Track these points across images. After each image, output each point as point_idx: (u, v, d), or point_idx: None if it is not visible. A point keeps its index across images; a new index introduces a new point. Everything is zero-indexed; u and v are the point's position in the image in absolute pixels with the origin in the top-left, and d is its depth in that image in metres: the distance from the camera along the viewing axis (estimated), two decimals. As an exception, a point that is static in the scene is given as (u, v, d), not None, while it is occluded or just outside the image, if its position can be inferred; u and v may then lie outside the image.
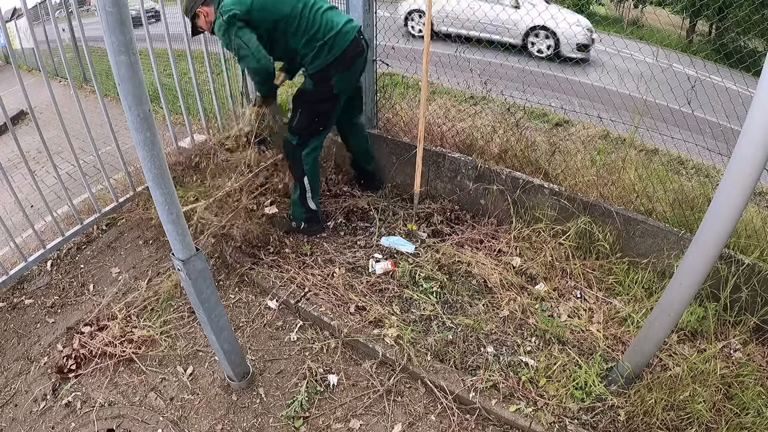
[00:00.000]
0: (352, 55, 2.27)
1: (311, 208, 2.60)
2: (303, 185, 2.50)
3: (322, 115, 2.34)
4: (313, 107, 2.32)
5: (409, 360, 1.99)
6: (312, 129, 2.36)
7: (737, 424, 1.71)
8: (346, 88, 2.36)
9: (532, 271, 2.41)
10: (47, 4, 7.59)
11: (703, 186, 2.55)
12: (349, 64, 2.27)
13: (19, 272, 2.57)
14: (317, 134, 2.39)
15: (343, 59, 2.23)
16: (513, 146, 2.81)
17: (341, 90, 2.33)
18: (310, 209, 2.60)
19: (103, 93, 2.72)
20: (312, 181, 2.51)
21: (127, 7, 1.06)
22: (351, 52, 2.25)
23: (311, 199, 2.56)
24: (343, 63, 2.24)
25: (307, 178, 2.48)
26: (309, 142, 2.39)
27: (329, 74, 2.24)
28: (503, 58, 2.99)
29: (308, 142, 2.39)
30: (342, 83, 2.31)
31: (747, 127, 1.23)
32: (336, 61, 2.22)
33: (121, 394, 2.02)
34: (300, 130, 2.36)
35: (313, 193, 2.54)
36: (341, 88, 2.31)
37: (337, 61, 2.23)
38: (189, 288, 1.56)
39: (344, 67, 2.26)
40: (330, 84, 2.26)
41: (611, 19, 12.04)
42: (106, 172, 2.80)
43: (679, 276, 1.53)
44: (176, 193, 1.37)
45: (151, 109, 1.22)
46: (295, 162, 2.47)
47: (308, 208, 2.60)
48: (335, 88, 2.29)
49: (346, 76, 2.31)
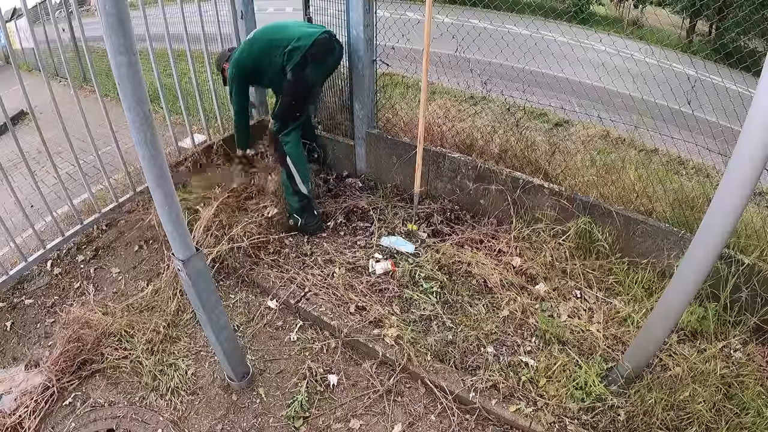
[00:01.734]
0: (323, 51, 2.58)
1: (303, 193, 2.73)
2: (288, 168, 2.68)
3: (297, 101, 2.65)
4: (292, 95, 2.63)
5: (409, 360, 1.99)
6: (290, 114, 2.66)
7: (737, 424, 1.71)
8: (318, 80, 2.72)
9: (532, 271, 2.41)
10: (47, 4, 7.58)
11: (703, 186, 2.55)
12: (321, 58, 2.59)
13: (19, 272, 2.57)
14: (294, 119, 2.67)
15: (314, 53, 2.54)
16: (513, 146, 2.81)
17: (314, 81, 2.67)
18: (302, 194, 2.73)
19: (103, 93, 2.72)
20: (296, 164, 2.69)
21: (127, 7, 1.06)
22: (320, 47, 2.56)
23: (301, 184, 2.71)
24: (315, 56, 2.55)
25: (290, 159, 2.67)
26: (287, 126, 2.66)
27: (305, 65, 2.55)
28: (503, 58, 2.98)
29: (287, 127, 2.66)
30: (315, 75, 2.63)
31: (747, 127, 1.23)
32: (307, 54, 2.53)
33: (121, 394, 2.02)
34: (280, 115, 2.67)
35: (301, 177, 2.70)
36: (314, 79, 2.65)
37: (309, 55, 2.53)
38: (189, 288, 1.56)
39: (316, 60, 2.57)
40: (305, 74, 2.57)
41: (611, 19, 12.04)
42: (106, 172, 2.80)
43: (679, 276, 1.53)
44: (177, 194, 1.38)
45: (151, 109, 1.22)
46: (277, 146, 2.72)
47: (300, 194, 2.73)
48: (309, 79, 2.61)
49: (319, 68, 2.63)
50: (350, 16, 2.74)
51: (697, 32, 11.01)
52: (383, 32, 2.84)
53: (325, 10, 2.99)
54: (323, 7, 3.01)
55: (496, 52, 2.94)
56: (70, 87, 2.54)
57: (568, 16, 5.37)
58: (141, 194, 3.02)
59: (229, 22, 3.29)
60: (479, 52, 3.00)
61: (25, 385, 2.00)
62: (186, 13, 2.92)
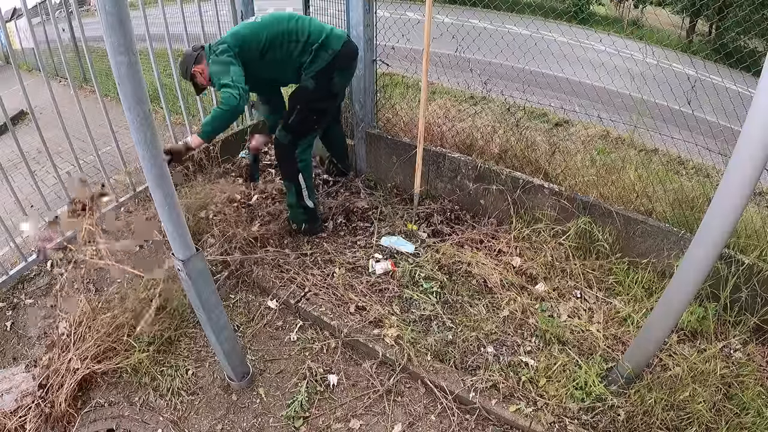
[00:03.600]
0: (350, 56, 2.36)
1: (309, 207, 2.58)
2: (298, 184, 2.49)
3: (320, 113, 2.38)
4: (312, 105, 2.34)
5: (409, 360, 1.99)
6: (307, 127, 2.38)
7: (737, 424, 1.71)
8: (342, 88, 2.47)
9: (532, 271, 2.41)
10: (47, 4, 7.58)
11: (703, 186, 2.55)
12: (347, 64, 2.37)
13: (19, 272, 2.57)
14: (311, 132, 2.42)
15: (342, 58, 2.30)
16: (513, 146, 2.81)
17: (339, 90, 2.41)
18: (308, 208, 2.59)
19: (103, 93, 2.72)
20: (307, 179, 2.51)
21: (127, 7, 1.06)
22: (347, 52, 2.32)
23: (308, 198, 2.55)
24: (342, 62, 2.32)
25: (302, 175, 2.47)
26: (302, 140, 2.41)
27: (331, 72, 2.29)
28: (503, 58, 2.98)
29: (301, 141, 2.41)
30: (341, 83, 2.39)
31: (747, 127, 1.23)
32: (335, 59, 2.28)
33: (121, 394, 2.02)
34: (295, 127, 2.37)
35: (309, 192, 2.54)
36: (339, 87, 2.39)
37: (336, 60, 2.28)
38: (189, 288, 1.57)
39: (343, 66, 2.34)
40: (331, 82, 2.31)
41: (611, 19, 12.03)
42: (106, 172, 2.80)
43: (679, 276, 1.53)
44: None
45: (151, 109, 1.22)
46: (289, 161, 2.46)
47: (306, 208, 2.59)
48: (334, 87, 2.35)
49: (345, 75, 2.40)
50: (350, 16, 2.74)
51: (697, 32, 11.02)
52: (383, 32, 2.84)
53: (325, 10, 3.00)
54: (323, 7, 3.01)
55: (496, 52, 2.94)
56: (70, 87, 2.54)
57: (568, 16, 5.37)
58: (141, 194, 3.02)
59: (229, 22, 3.30)
60: (479, 52, 3.00)
61: (26, 385, 1.99)
62: (186, 13, 2.92)
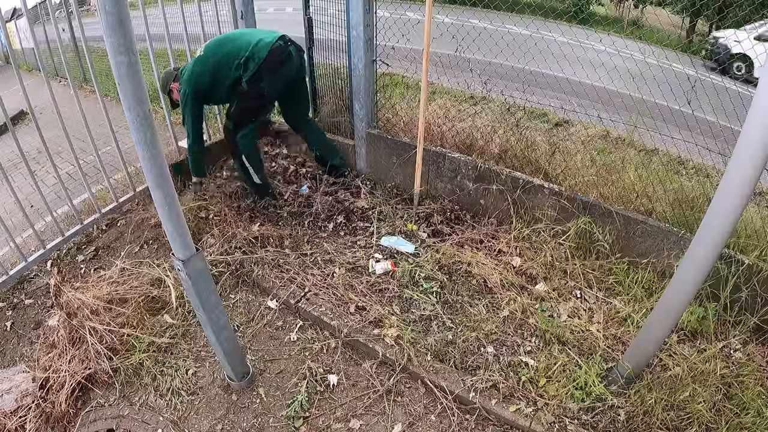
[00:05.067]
0: (278, 60, 2.59)
1: (256, 183, 2.92)
2: (243, 163, 2.83)
3: (252, 110, 2.75)
4: (245, 103, 2.71)
5: (409, 360, 1.99)
6: (244, 118, 2.76)
7: (737, 424, 1.71)
8: (276, 89, 2.72)
9: (532, 271, 2.40)
10: (47, 4, 7.58)
11: (703, 186, 2.54)
12: (276, 67, 2.60)
13: (19, 272, 2.57)
14: (248, 123, 2.77)
15: (269, 64, 2.56)
16: (513, 146, 2.81)
17: (271, 91, 2.70)
18: (255, 183, 2.92)
19: (103, 93, 2.73)
20: (250, 161, 2.82)
21: (127, 7, 1.06)
22: (275, 56, 2.57)
23: (255, 175, 2.88)
24: (271, 67, 2.57)
25: (245, 156, 2.80)
26: (242, 128, 2.76)
27: (260, 78, 2.58)
28: (503, 58, 2.98)
29: (241, 128, 2.76)
30: (272, 85, 2.65)
31: (747, 127, 1.23)
32: (261, 67, 2.55)
33: (121, 394, 2.02)
34: (234, 117, 2.77)
35: (255, 170, 2.85)
36: (271, 89, 2.67)
37: (263, 66, 2.55)
38: (189, 288, 1.57)
39: (272, 71, 2.59)
40: (260, 86, 2.61)
41: (611, 19, 12.04)
42: (106, 172, 2.80)
43: (679, 276, 1.53)
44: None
45: (151, 109, 1.22)
46: (233, 143, 2.84)
47: (254, 183, 2.92)
48: (266, 90, 2.65)
49: (276, 79, 2.64)
50: (350, 16, 2.74)
51: (697, 32, 11.02)
52: (383, 32, 2.84)
53: (325, 10, 2.99)
54: (323, 7, 3.01)
55: (496, 52, 2.94)
56: (70, 87, 2.55)
57: (568, 16, 5.37)
58: (141, 194, 3.02)
59: (229, 22, 3.30)
60: (479, 52, 3.00)
61: (26, 385, 2.00)
62: (186, 13, 2.93)
